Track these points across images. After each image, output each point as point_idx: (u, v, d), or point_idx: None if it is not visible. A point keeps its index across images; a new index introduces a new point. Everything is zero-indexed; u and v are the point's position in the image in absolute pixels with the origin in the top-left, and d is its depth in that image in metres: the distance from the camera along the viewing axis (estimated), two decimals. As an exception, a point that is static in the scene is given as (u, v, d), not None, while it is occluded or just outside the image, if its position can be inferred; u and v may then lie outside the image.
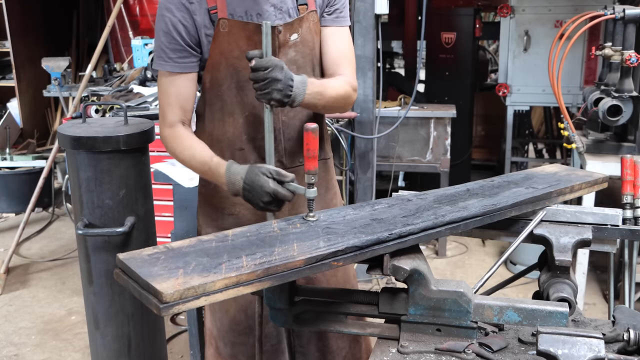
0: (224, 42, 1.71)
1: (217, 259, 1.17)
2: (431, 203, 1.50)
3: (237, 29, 1.70)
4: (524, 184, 1.65)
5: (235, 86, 1.74)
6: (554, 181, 1.68)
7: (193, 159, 1.72)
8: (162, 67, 1.74)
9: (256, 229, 1.33)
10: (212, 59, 1.73)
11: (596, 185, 1.76)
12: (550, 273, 1.48)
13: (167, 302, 1.03)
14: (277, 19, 1.73)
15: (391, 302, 1.34)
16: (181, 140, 1.74)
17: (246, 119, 1.77)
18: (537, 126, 6.03)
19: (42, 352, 3.18)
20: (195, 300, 1.06)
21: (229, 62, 1.72)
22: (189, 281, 1.07)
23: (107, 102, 3.77)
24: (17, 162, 5.26)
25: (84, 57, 6.58)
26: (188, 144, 1.73)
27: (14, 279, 4.02)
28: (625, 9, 2.98)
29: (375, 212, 1.44)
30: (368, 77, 3.69)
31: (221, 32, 1.70)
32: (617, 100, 3.00)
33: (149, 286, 1.07)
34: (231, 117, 1.77)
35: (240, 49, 1.70)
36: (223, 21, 1.69)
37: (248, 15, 1.71)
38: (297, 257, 1.17)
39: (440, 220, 1.38)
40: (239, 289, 1.11)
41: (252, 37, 1.70)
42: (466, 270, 4.10)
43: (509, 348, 1.32)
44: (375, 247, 1.27)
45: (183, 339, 3.22)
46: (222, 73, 1.74)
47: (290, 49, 1.75)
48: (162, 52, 1.72)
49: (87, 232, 2.10)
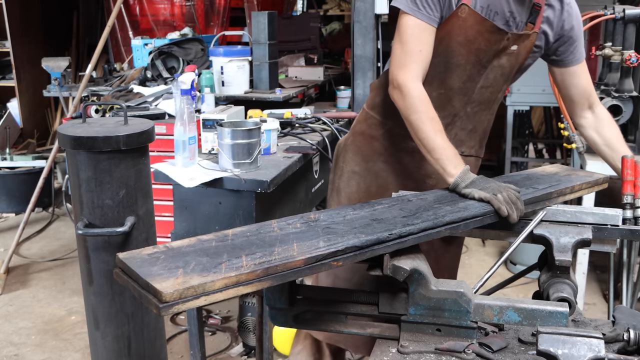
0: (455, 25, 1.75)
1: (217, 258, 1.17)
2: (431, 203, 1.51)
3: (472, 19, 1.75)
4: (525, 184, 1.66)
5: (444, 63, 1.80)
6: (554, 181, 1.70)
7: (439, 132, 1.68)
8: (418, 14, 1.73)
9: (256, 228, 1.33)
10: (438, 32, 1.76)
11: (596, 185, 1.79)
12: (550, 273, 1.48)
13: (167, 301, 1.03)
14: (507, 24, 1.78)
15: (391, 302, 1.34)
16: (429, 106, 1.71)
17: (439, 95, 1.85)
18: (537, 126, 6.03)
19: (42, 352, 3.18)
20: (195, 299, 1.06)
21: (449, 43, 1.77)
22: (189, 281, 1.07)
23: (107, 102, 3.77)
24: (17, 162, 5.26)
25: (84, 57, 6.58)
26: (433, 115, 1.71)
27: (14, 279, 4.02)
28: (625, 9, 2.98)
29: (376, 212, 1.44)
30: (368, 77, 3.69)
31: (458, 15, 1.74)
32: (617, 100, 3.00)
33: (148, 285, 1.07)
34: (428, 87, 1.78)
35: (467, 37, 1.76)
36: (464, 7, 1.73)
37: (488, 10, 1.75)
38: (296, 257, 1.17)
39: (440, 221, 1.39)
40: (239, 289, 1.11)
41: (483, 33, 1.76)
42: (466, 270, 4.10)
43: (509, 348, 1.32)
44: (375, 247, 1.27)
45: (183, 339, 3.22)
46: (440, 48, 1.78)
47: (505, 56, 1.83)
48: (424, 2, 1.72)
49: (87, 232, 2.10)
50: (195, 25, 6.01)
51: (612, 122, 1.99)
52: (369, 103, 2.06)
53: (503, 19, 1.78)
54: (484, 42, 1.78)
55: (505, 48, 1.82)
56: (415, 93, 1.71)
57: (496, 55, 1.82)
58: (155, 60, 4.40)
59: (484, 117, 1.97)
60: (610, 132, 1.95)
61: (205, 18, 6.39)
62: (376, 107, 2.01)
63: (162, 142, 3.26)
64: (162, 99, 3.81)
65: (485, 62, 1.83)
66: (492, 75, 1.86)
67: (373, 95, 2.04)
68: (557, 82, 2.00)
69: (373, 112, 2.02)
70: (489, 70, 1.85)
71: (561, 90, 2.01)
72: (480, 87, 1.87)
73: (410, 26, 1.74)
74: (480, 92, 1.88)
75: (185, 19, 6.34)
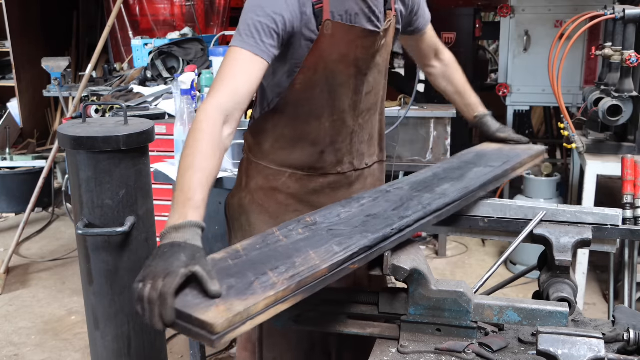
0: (326, 44, 1.62)
1: (244, 278, 1.11)
2: (410, 192, 1.55)
3: (341, 32, 1.63)
4: (481, 163, 1.75)
5: (328, 90, 1.68)
6: (504, 157, 1.81)
7: (190, 168, 1.30)
8: (244, 45, 1.52)
9: (262, 239, 1.30)
10: (309, 61, 1.63)
11: (537, 157, 1.91)
12: (550, 273, 1.48)
13: (218, 332, 0.97)
14: (371, 21, 1.69)
15: (391, 302, 1.34)
16: (210, 137, 1.38)
17: (333, 122, 1.73)
18: (537, 126, 6.04)
19: (42, 352, 3.18)
20: (242, 326, 1.01)
21: (327, 65, 1.65)
22: (232, 307, 1.01)
23: (107, 102, 3.77)
24: (17, 162, 5.26)
25: (84, 57, 6.58)
26: (209, 151, 1.35)
27: (14, 279, 4.02)
28: (625, 9, 2.98)
29: (364, 207, 1.45)
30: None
31: (325, 34, 1.60)
32: (617, 100, 3.00)
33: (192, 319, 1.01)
34: (318, 121, 1.72)
35: (340, 52, 1.64)
36: (327, 23, 1.60)
37: (347, 15, 1.64)
38: (320, 265, 1.15)
39: (429, 210, 1.43)
40: (277, 307, 1.07)
41: (355, 41, 1.66)
42: (466, 270, 4.10)
43: (509, 348, 1.32)
44: (382, 244, 1.28)
45: (183, 339, 3.22)
46: (318, 75, 1.66)
47: (378, 55, 1.74)
48: (255, 33, 1.53)
49: (87, 232, 2.10)
50: (195, 25, 6.01)
51: (456, 65, 2.07)
52: (254, 154, 1.82)
53: (365, 17, 1.66)
54: (359, 51, 1.67)
55: (379, 48, 1.73)
56: (201, 117, 1.40)
57: (373, 57, 1.72)
58: (155, 60, 4.41)
59: (375, 122, 1.87)
60: (458, 79, 2.05)
61: (205, 18, 6.39)
62: (267, 156, 1.79)
63: (162, 142, 3.26)
64: (162, 99, 3.81)
65: (365, 69, 1.72)
66: (371, 79, 1.76)
67: (256, 143, 1.81)
68: (408, 46, 1.98)
69: (265, 162, 1.80)
70: (368, 75, 1.74)
71: (411, 51, 2.01)
72: (365, 94, 1.77)
73: (231, 56, 1.53)
74: (366, 100, 1.78)
75: (185, 19, 6.34)
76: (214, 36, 4.84)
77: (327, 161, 1.77)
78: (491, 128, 2.02)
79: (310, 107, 1.70)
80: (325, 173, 1.78)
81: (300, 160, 1.76)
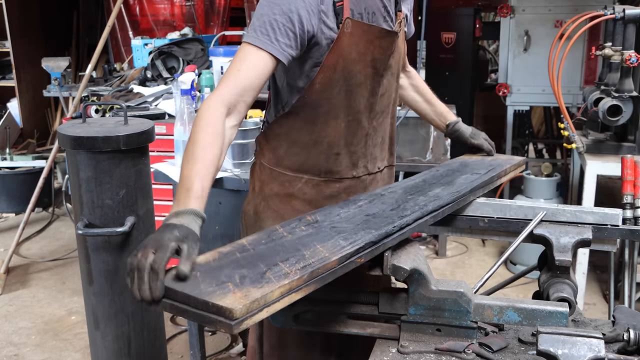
0: (345, 43, 1.61)
1: (256, 268, 1.13)
2: (404, 195, 1.57)
3: (360, 31, 1.62)
4: (467, 171, 1.81)
5: (345, 89, 1.67)
6: (488, 166, 1.87)
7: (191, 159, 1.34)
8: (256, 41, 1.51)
9: (267, 235, 1.31)
10: (329, 59, 1.61)
11: (518, 167, 2.00)
12: (550, 273, 1.48)
13: (237, 318, 0.99)
14: (386, 21, 1.70)
15: (391, 302, 1.34)
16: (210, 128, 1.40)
17: (349, 123, 1.72)
18: (537, 126, 6.03)
19: (42, 352, 3.18)
20: (259, 312, 1.03)
21: (346, 65, 1.64)
22: (249, 294, 1.03)
23: (107, 102, 3.77)
24: (17, 162, 5.26)
25: (84, 57, 6.58)
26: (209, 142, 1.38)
27: (14, 279, 4.02)
28: (625, 9, 2.98)
29: (363, 208, 1.48)
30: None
31: (345, 32, 1.59)
32: (617, 100, 3.00)
33: (208, 305, 1.01)
34: (335, 121, 1.70)
35: (359, 51, 1.63)
36: (347, 21, 1.59)
37: (365, 13, 1.64)
38: (330, 257, 1.18)
39: (425, 210, 1.46)
40: (292, 296, 1.09)
41: (373, 41, 1.65)
42: (466, 270, 4.10)
43: (509, 348, 1.32)
44: (385, 240, 1.30)
45: (183, 339, 3.22)
46: (337, 75, 1.64)
47: (392, 57, 1.74)
48: (270, 30, 1.52)
49: (87, 232, 2.10)
50: (195, 25, 6.01)
51: (417, 75, 2.10)
52: (268, 159, 1.79)
53: (381, 16, 1.68)
54: (377, 51, 1.67)
55: (394, 49, 1.72)
56: (202, 110, 1.44)
57: (388, 58, 1.72)
58: (155, 60, 4.41)
59: (387, 125, 1.86)
60: (426, 89, 2.09)
61: (205, 18, 6.39)
62: (282, 162, 1.76)
63: (162, 142, 3.27)
64: (162, 99, 3.81)
65: (382, 70, 1.71)
66: (385, 80, 1.75)
67: (269, 148, 1.78)
68: None
69: (280, 169, 1.77)
70: (384, 77, 1.74)
71: None
72: (380, 96, 1.76)
73: (241, 53, 1.53)
74: (380, 102, 1.77)
75: (185, 19, 6.34)
76: (214, 36, 4.84)
77: (342, 164, 1.76)
78: (465, 133, 2.05)
79: (328, 107, 1.68)
80: (341, 178, 1.77)
81: (317, 164, 1.74)
